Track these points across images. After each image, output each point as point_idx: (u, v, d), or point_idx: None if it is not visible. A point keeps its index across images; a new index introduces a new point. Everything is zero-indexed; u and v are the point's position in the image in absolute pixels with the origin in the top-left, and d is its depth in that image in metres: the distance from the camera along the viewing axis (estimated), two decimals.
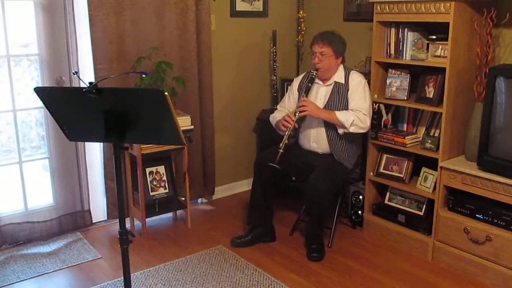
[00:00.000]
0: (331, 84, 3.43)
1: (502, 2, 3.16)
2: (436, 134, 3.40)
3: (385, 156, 3.67)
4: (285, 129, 3.31)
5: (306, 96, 3.38)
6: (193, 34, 3.85)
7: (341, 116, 3.29)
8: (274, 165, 3.20)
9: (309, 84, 3.40)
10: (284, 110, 3.58)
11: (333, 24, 4.00)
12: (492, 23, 3.12)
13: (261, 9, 4.40)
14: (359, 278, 3.18)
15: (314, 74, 3.38)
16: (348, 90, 3.38)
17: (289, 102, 3.61)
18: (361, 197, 3.82)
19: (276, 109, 3.71)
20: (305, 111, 3.30)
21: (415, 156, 3.51)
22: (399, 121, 3.70)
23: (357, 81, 3.39)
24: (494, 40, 3.22)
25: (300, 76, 3.65)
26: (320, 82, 3.47)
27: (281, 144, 3.26)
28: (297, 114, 3.32)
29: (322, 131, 3.44)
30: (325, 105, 3.42)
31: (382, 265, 3.33)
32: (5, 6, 3.26)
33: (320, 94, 3.46)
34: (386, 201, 3.70)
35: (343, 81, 3.41)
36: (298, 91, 3.57)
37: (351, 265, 3.33)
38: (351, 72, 3.44)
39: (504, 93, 2.98)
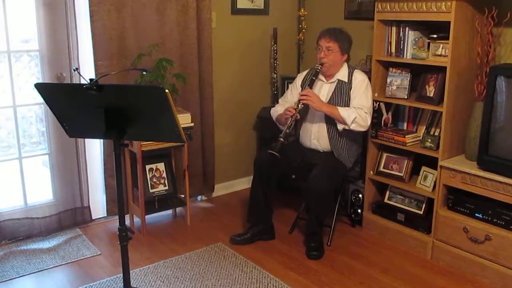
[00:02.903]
0: (334, 81, 3.43)
1: (503, 1, 3.16)
2: (436, 133, 3.40)
3: (385, 154, 3.67)
4: (286, 121, 3.31)
5: (310, 88, 3.38)
6: (193, 31, 3.85)
7: (344, 112, 3.29)
8: (274, 152, 3.19)
9: (313, 78, 3.40)
10: (286, 105, 3.58)
11: (334, 22, 3.99)
12: (493, 22, 3.12)
13: (262, 7, 4.39)
14: (358, 276, 3.18)
15: (319, 68, 3.38)
16: (351, 88, 3.39)
17: (291, 96, 3.61)
18: (360, 195, 3.82)
19: (278, 103, 3.71)
20: (308, 100, 3.29)
21: (415, 155, 3.51)
22: (399, 120, 3.69)
23: (360, 79, 3.39)
24: (495, 39, 3.21)
25: (304, 72, 3.65)
26: (324, 79, 3.47)
27: (282, 134, 3.26)
28: (300, 104, 3.31)
29: (323, 127, 3.44)
30: (327, 102, 3.41)
31: (381, 264, 3.33)
32: (5, 1, 3.26)
33: (323, 91, 3.46)
34: (385, 200, 3.71)
35: (346, 79, 3.41)
36: (301, 86, 3.56)
37: (350, 263, 3.33)
38: (354, 70, 3.44)
39: (504, 93, 2.98)
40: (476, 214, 3.15)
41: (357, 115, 3.28)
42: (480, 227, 3.10)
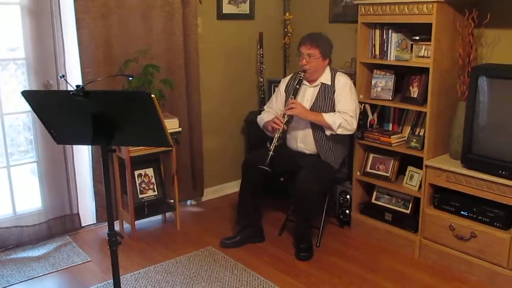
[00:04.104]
0: (318, 85, 3.47)
1: (483, 3, 3.22)
2: (421, 133, 3.44)
3: (371, 155, 3.71)
4: (274, 130, 3.35)
5: (295, 98, 3.41)
6: (180, 37, 3.87)
7: (329, 118, 3.33)
8: (265, 167, 3.24)
9: (297, 86, 3.44)
10: (271, 111, 3.61)
11: (319, 26, 4.05)
12: (474, 23, 3.17)
13: (248, 12, 4.43)
14: (347, 276, 3.21)
15: (302, 75, 3.42)
16: (334, 91, 3.42)
17: (276, 103, 3.64)
18: (348, 196, 3.86)
19: (264, 110, 3.74)
20: (294, 112, 3.33)
21: (401, 155, 3.56)
22: (384, 121, 3.74)
23: (343, 82, 3.43)
24: (476, 40, 3.28)
25: (287, 77, 3.68)
26: (307, 83, 3.50)
27: (271, 147, 3.30)
28: (285, 116, 3.35)
29: (309, 132, 3.48)
30: (312, 106, 3.45)
31: (370, 263, 3.37)
32: None
33: (307, 95, 3.50)
34: (373, 200, 3.75)
35: (329, 83, 3.44)
36: (285, 92, 3.60)
37: (340, 263, 3.37)
38: (337, 73, 3.48)
39: (486, 92, 3.03)
40: (462, 212, 3.19)
41: (342, 120, 3.32)
42: (466, 225, 3.14)
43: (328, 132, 3.38)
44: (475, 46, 3.26)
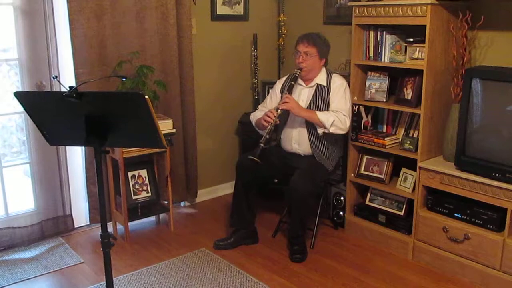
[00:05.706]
0: (314, 86, 3.47)
1: (477, 5, 3.23)
2: (415, 135, 3.45)
3: (365, 157, 3.72)
4: (266, 125, 3.34)
5: (289, 94, 3.41)
6: (174, 38, 3.86)
7: (322, 116, 3.33)
8: (255, 158, 3.22)
9: (292, 83, 3.44)
10: (265, 110, 3.61)
11: (313, 27, 4.04)
12: (468, 25, 3.18)
13: (242, 13, 4.42)
14: (341, 278, 3.21)
15: (298, 73, 3.42)
16: (329, 92, 3.43)
17: (271, 103, 3.64)
18: (342, 198, 3.86)
19: (258, 109, 3.74)
20: (286, 106, 3.33)
21: (395, 157, 3.56)
22: (378, 123, 3.75)
23: (338, 83, 3.44)
24: (470, 42, 3.29)
25: (283, 78, 3.69)
26: (303, 84, 3.51)
27: (262, 139, 3.29)
28: (278, 109, 3.35)
29: (304, 132, 3.48)
30: (307, 107, 3.46)
31: (363, 265, 3.37)
32: None
33: (303, 95, 3.50)
34: (367, 202, 3.75)
35: (325, 84, 3.45)
36: (280, 92, 3.60)
37: (333, 265, 3.37)
38: (333, 75, 3.49)
39: (480, 94, 3.04)
40: (455, 214, 3.20)
41: (335, 118, 3.32)
42: (459, 227, 3.15)
43: (320, 131, 3.38)
44: (468, 48, 3.27)
